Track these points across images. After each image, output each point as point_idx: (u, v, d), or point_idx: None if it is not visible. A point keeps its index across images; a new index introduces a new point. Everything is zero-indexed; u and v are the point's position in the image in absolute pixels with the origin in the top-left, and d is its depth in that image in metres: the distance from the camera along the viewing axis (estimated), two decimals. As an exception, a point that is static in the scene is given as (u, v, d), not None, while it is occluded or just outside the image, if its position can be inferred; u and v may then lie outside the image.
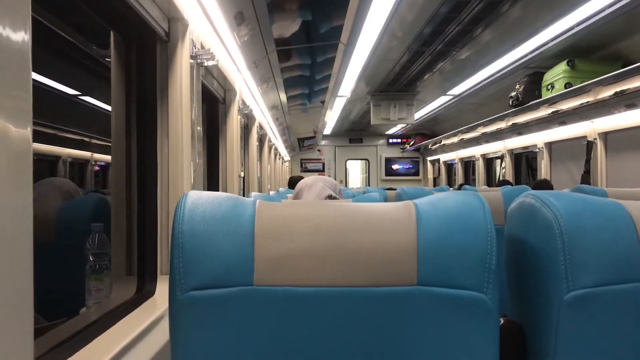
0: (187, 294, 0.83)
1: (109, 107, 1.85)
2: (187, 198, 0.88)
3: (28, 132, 0.75)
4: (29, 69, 0.76)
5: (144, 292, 1.72)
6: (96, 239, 1.65)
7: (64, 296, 1.83)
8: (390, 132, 13.31)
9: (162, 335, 1.45)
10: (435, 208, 0.91)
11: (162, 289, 1.72)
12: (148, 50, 1.80)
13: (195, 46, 1.98)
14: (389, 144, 14.19)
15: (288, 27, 3.69)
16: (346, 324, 0.85)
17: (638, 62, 3.72)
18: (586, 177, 5.26)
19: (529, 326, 0.99)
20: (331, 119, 9.92)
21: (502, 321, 0.97)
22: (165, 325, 0.86)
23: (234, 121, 3.41)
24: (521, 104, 5.50)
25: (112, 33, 1.78)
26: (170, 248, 0.85)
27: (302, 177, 3.96)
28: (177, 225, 0.85)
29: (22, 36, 0.74)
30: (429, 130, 12.22)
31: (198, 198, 0.89)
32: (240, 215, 0.88)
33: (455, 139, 9.50)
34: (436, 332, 0.86)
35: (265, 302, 0.84)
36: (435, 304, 0.85)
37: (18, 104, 0.74)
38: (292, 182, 6.45)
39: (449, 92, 7.05)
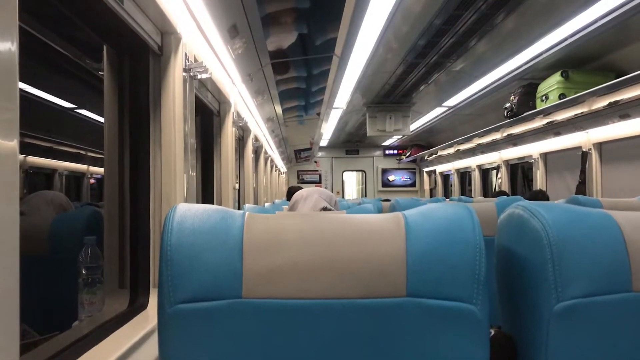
0: (176, 307, 0.83)
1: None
2: (176, 211, 0.88)
3: (15, 143, 0.75)
4: (15, 80, 0.76)
5: (137, 305, 1.71)
6: (89, 252, 1.65)
7: (57, 309, 1.82)
8: (386, 143, 13.34)
9: (154, 348, 1.43)
10: (424, 219, 0.91)
11: (155, 302, 1.71)
12: (141, 63, 1.81)
13: (188, 59, 1.98)
14: (385, 155, 14.21)
15: (283, 40, 3.71)
16: (336, 336, 0.85)
17: (631, 73, 3.74)
18: (581, 188, 5.27)
19: (519, 337, 0.99)
20: (327, 130, 9.93)
21: (492, 332, 0.96)
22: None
23: (229, 133, 3.42)
24: (515, 115, 5.52)
25: (104, 46, 1.78)
26: (159, 261, 0.85)
27: (301, 187, 3.96)
28: (166, 238, 0.85)
29: (8, 46, 0.74)
30: (425, 141, 12.24)
31: (187, 211, 0.89)
32: (229, 228, 0.87)
33: (451, 150, 9.52)
34: (426, 344, 0.86)
35: (254, 315, 0.84)
36: (424, 315, 0.85)
37: (4, 115, 0.73)
38: (291, 192, 6.45)
39: (444, 104, 7.07)
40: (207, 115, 3.33)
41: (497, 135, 6.94)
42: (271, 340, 0.84)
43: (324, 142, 12.49)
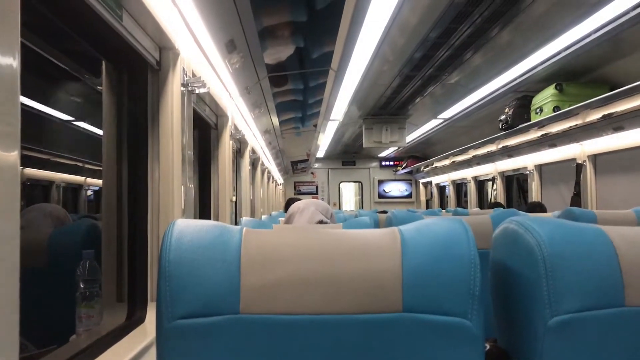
0: (174, 322, 0.84)
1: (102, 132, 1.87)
2: (174, 227, 0.89)
3: (16, 156, 0.76)
4: (17, 94, 0.77)
5: (135, 319, 1.72)
6: (87, 265, 1.65)
7: (55, 323, 1.82)
8: (382, 154, 13.36)
9: (151, 362, 1.44)
10: (420, 235, 0.92)
11: (153, 315, 1.71)
12: (139, 78, 1.82)
13: (186, 74, 2.00)
14: (382, 167, 14.24)
15: (280, 53, 3.73)
16: (332, 352, 0.85)
17: (624, 85, 3.77)
18: (576, 199, 5.29)
19: (514, 351, 1.00)
20: (324, 142, 9.96)
21: (487, 346, 0.97)
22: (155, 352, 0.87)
23: (226, 146, 3.43)
24: (510, 127, 5.55)
25: (103, 62, 1.80)
26: (158, 277, 0.85)
27: (299, 199, 3.97)
28: (164, 254, 0.86)
29: (10, 61, 0.75)
30: (421, 152, 12.27)
31: (185, 227, 0.90)
32: (226, 244, 0.88)
33: (447, 162, 9.54)
34: (422, 359, 0.86)
35: (252, 330, 0.84)
36: (420, 330, 0.86)
37: (6, 129, 0.74)
38: (289, 204, 6.43)
39: (440, 116, 7.10)
40: (205, 129, 3.34)
41: (492, 147, 6.96)
42: (268, 356, 0.85)
43: (320, 154, 12.50)
